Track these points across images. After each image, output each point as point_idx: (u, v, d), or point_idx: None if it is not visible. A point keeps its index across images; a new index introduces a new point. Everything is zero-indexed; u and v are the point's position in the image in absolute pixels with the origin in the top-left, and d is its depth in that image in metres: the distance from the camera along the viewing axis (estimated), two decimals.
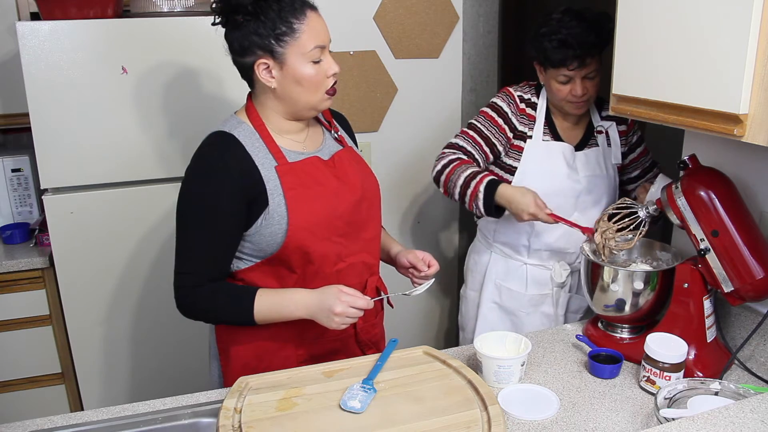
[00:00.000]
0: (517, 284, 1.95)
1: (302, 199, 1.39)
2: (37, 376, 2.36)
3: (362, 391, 1.28)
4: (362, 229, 1.49)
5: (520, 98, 1.87)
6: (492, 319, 1.99)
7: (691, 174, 1.43)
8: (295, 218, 1.37)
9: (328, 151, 1.49)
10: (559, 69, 1.74)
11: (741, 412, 1.06)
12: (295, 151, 1.44)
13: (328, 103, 1.44)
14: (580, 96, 1.76)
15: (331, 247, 1.43)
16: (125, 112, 2.13)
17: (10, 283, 2.27)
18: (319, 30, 1.37)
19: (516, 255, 1.94)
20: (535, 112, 1.86)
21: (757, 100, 1.14)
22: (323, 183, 1.42)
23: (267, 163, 1.39)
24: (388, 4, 2.33)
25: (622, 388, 1.40)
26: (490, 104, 1.89)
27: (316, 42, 1.35)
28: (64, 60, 2.04)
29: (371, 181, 1.55)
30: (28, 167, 2.49)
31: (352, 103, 2.37)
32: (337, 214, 1.42)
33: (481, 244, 2.04)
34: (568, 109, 1.82)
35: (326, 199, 1.41)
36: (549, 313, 1.94)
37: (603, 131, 1.87)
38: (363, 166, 1.55)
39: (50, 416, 1.32)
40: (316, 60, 1.36)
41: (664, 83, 1.31)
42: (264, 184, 1.37)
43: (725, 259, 1.37)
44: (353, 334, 1.53)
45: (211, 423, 1.29)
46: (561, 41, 1.70)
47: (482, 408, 1.23)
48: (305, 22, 1.34)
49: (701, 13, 1.20)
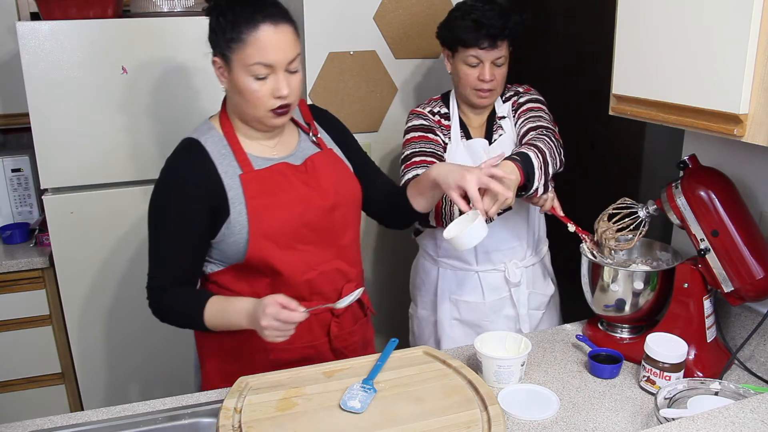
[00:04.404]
0: (474, 295, 1.90)
1: (265, 208, 1.36)
2: (37, 376, 2.36)
3: (362, 391, 1.28)
4: (336, 236, 1.46)
5: (431, 112, 1.87)
6: (457, 336, 1.92)
7: (691, 174, 1.43)
8: (255, 228, 1.35)
9: (301, 155, 1.46)
10: (469, 49, 1.74)
11: (741, 412, 1.06)
12: (263, 156, 1.42)
13: (279, 122, 1.38)
14: (488, 80, 1.75)
15: (298, 256, 1.40)
16: (125, 112, 2.13)
17: (10, 283, 2.27)
18: (268, 48, 1.29)
19: (465, 265, 1.89)
20: (449, 121, 1.86)
21: (757, 100, 1.14)
22: (289, 190, 1.39)
23: (231, 171, 1.37)
24: (388, 4, 2.33)
25: (622, 388, 1.40)
26: (411, 128, 1.84)
27: (260, 59, 1.29)
28: (64, 60, 2.04)
29: (349, 185, 1.50)
30: (28, 167, 2.50)
31: (352, 103, 2.38)
32: (303, 223, 1.39)
33: (426, 261, 1.96)
34: (475, 99, 1.80)
35: (291, 208, 1.38)
36: (511, 315, 1.90)
37: (505, 115, 1.86)
38: (341, 169, 1.51)
39: (50, 416, 1.32)
40: (259, 76, 1.30)
41: (664, 83, 1.31)
42: (226, 193, 1.36)
43: (725, 259, 1.37)
44: (327, 341, 1.50)
45: (211, 423, 1.29)
46: (474, 21, 1.72)
47: (482, 408, 1.23)
48: (254, 35, 1.28)
49: (701, 13, 1.20)
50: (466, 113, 1.88)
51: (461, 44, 1.75)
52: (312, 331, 1.46)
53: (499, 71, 1.77)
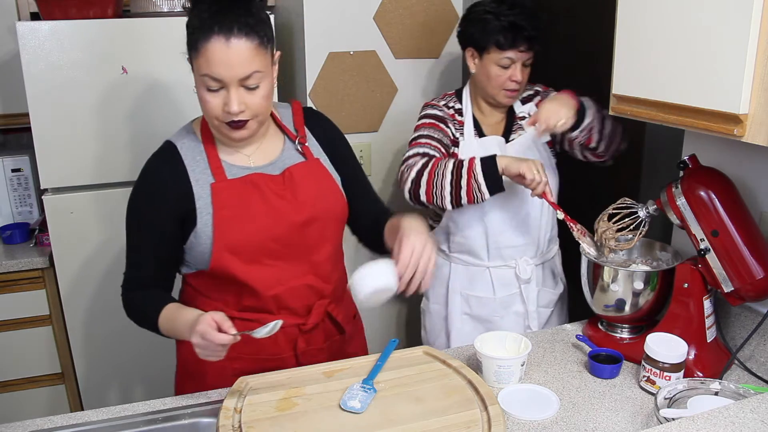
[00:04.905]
0: (484, 290, 1.92)
1: (231, 220, 1.33)
2: (37, 376, 2.36)
3: (362, 391, 1.28)
4: (309, 251, 1.41)
5: (446, 106, 1.88)
6: (466, 330, 1.94)
7: (691, 174, 1.43)
8: (219, 241, 1.33)
9: (281, 164, 1.40)
10: (504, 51, 1.74)
11: (741, 412, 1.06)
12: (238, 165, 1.38)
13: (237, 135, 1.31)
14: (519, 81, 1.76)
15: (264, 270, 1.37)
16: (125, 112, 2.13)
17: (10, 283, 2.27)
18: (216, 62, 1.22)
19: (477, 261, 1.90)
20: (462, 116, 1.87)
21: (757, 100, 1.14)
22: (260, 203, 1.35)
23: (203, 180, 1.35)
24: (388, 4, 2.33)
25: (622, 388, 1.40)
26: (424, 115, 1.87)
27: (208, 71, 1.23)
28: (64, 60, 2.04)
29: (330, 199, 1.43)
30: (28, 167, 2.50)
31: (352, 103, 2.38)
32: (271, 237, 1.35)
33: (439, 257, 1.96)
34: (501, 99, 1.81)
35: (259, 221, 1.34)
36: (521, 312, 1.92)
37: (526, 116, 1.87)
38: (324, 181, 1.43)
39: (50, 416, 1.32)
40: (211, 88, 1.25)
41: (664, 83, 1.31)
42: (195, 203, 1.34)
43: (725, 259, 1.37)
44: (293, 355, 1.45)
45: (211, 423, 1.29)
46: (511, 23, 1.71)
47: (482, 408, 1.23)
48: (204, 46, 1.23)
49: (701, 13, 1.20)
50: (481, 111, 1.88)
51: (497, 46, 1.75)
52: (278, 344, 1.43)
53: (526, 72, 1.80)
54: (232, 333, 1.19)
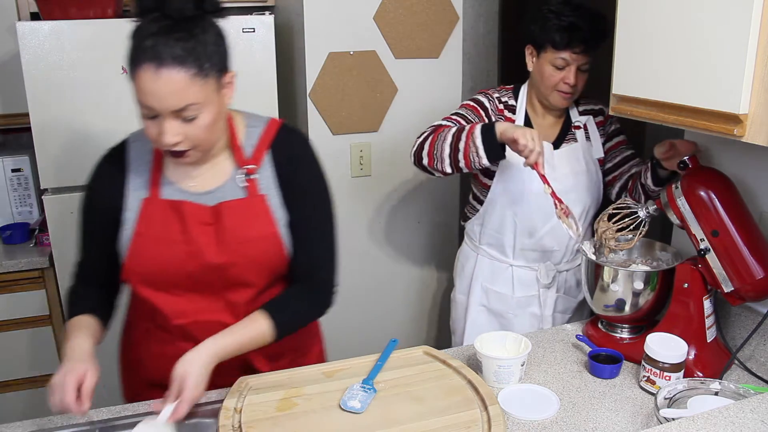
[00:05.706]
0: (504, 286, 1.93)
1: (148, 243, 1.27)
2: (37, 376, 2.36)
3: (362, 391, 1.28)
4: (227, 291, 1.31)
5: (498, 100, 1.87)
6: (481, 322, 1.97)
7: (691, 174, 1.43)
8: (131, 260, 1.28)
9: (219, 196, 1.28)
10: (559, 52, 1.73)
11: (741, 412, 1.06)
12: (178, 185, 1.29)
13: (179, 161, 1.24)
14: (572, 85, 1.75)
15: (172, 299, 1.30)
16: (125, 112, 2.13)
17: (10, 283, 2.27)
18: (146, 92, 1.14)
19: (502, 257, 1.92)
20: (514, 114, 1.85)
21: (757, 100, 1.14)
22: (180, 235, 1.27)
23: (138, 192, 1.29)
24: (388, 4, 2.33)
25: (622, 388, 1.40)
26: (472, 99, 1.88)
27: (141, 98, 1.16)
28: (64, 60, 2.04)
29: (260, 246, 1.29)
30: (28, 167, 2.50)
31: (352, 103, 2.37)
32: (184, 272, 1.27)
33: (468, 248, 2.02)
34: (554, 100, 1.80)
35: (175, 252, 1.26)
36: (536, 314, 1.93)
37: (581, 126, 1.86)
38: (258, 226, 1.29)
39: (50, 416, 1.31)
40: (147, 116, 1.18)
41: (664, 83, 1.31)
42: (123, 213, 1.29)
43: (725, 259, 1.37)
44: None
45: (211, 423, 1.29)
46: (571, 23, 1.70)
47: (482, 408, 1.23)
48: (136, 72, 1.15)
49: (701, 13, 1.20)
50: (535, 111, 1.87)
51: (552, 45, 1.74)
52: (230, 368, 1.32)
53: (581, 77, 1.77)
54: (83, 408, 1.15)
